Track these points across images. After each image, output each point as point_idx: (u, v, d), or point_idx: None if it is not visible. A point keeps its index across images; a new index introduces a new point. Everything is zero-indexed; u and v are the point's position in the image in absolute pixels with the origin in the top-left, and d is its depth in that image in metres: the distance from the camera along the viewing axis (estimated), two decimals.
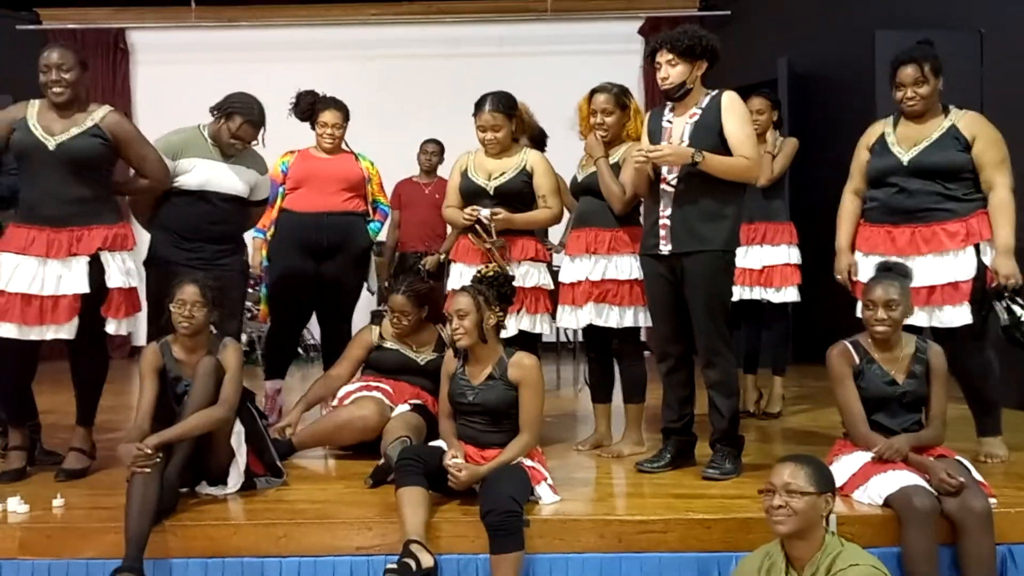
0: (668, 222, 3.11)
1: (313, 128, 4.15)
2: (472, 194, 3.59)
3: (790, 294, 4.25)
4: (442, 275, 4.01)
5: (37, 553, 2.57)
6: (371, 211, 4.25)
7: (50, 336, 3.06)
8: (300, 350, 4.52)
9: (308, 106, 4.12)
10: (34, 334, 3.04)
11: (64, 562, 2.56)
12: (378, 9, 7.28)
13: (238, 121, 3.51)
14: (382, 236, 4.72)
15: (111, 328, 3.18)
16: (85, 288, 3.07)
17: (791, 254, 4.27)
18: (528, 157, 3.62)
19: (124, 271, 3.19)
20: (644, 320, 3.46)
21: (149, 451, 2.61)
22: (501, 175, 3.57)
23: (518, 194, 3.58)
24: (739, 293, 4.12)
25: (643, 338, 3.68)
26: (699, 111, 3.10)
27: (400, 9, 7.31)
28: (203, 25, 7.15)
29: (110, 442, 3.38)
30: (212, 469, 2.88)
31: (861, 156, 3.40)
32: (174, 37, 7.19)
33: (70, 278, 3.07)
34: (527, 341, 3.50)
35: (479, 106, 3.57)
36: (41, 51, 3.19)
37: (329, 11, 7.27)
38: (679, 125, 3.13)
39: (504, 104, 3.57)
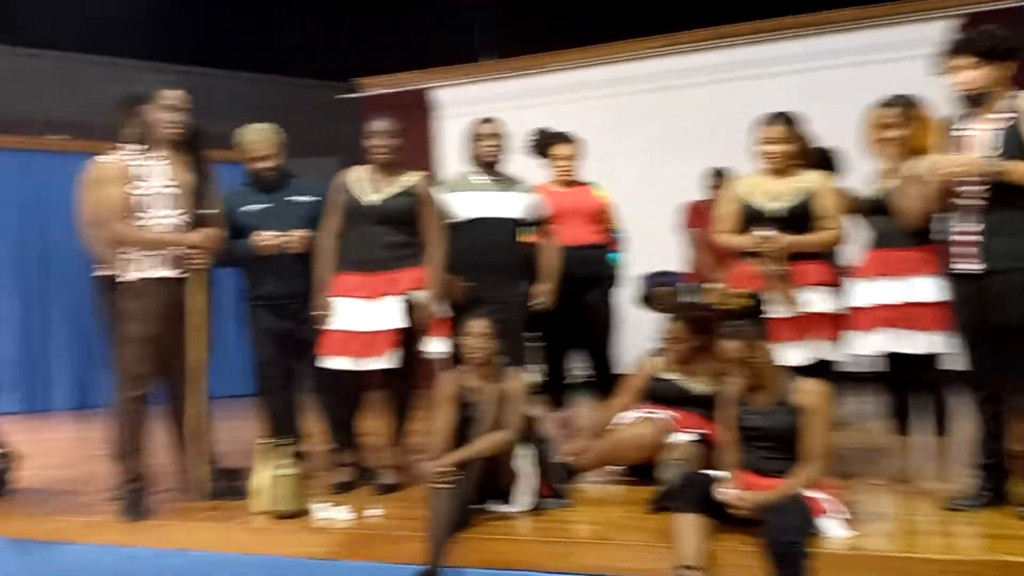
0: (978, 238, 2.86)
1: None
2: (750, 218, 3.54)
3: None
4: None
5: (358, 555, 2.94)
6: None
7: (372, 367, 3.49)
8: (574, 381, 4.67)
9: (543, 142, 4.36)
10: (360, 365, 3.48)
11: (379, 564, 2.90)
12: (664, 41, 7.33)
13: None
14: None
15: (431, 347, 3.57)
16: (400, 323, 3.48)
17: None
18: (810, 178, 3.52)
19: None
20: (948, 346, 3.20)
21: (446, 469, 2.89)
22: (780, 198, 3.50)
23: (799, 217, 3.48)
24: None
25: (947, 365, 3.39)
26: (1007, 116, 2.83)
27: (683, 38, 7.29)
28: (496, 76, 7.72)
29: (419, 461, 3.76)
30: (500, 488, 3.11)
31: None
32: (470, 91, 7.83)
33: (387, 315, 3.50)
34: (816, 369, 3.37)
35: (765, 121, 3.53)
36: (366, 119, 3.69)
37: (612, 49, 7.48)
38: (982, 132, 2.87)
39: (791, 119, 3.52)
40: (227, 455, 3.80)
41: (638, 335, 4.63)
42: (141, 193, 3.33)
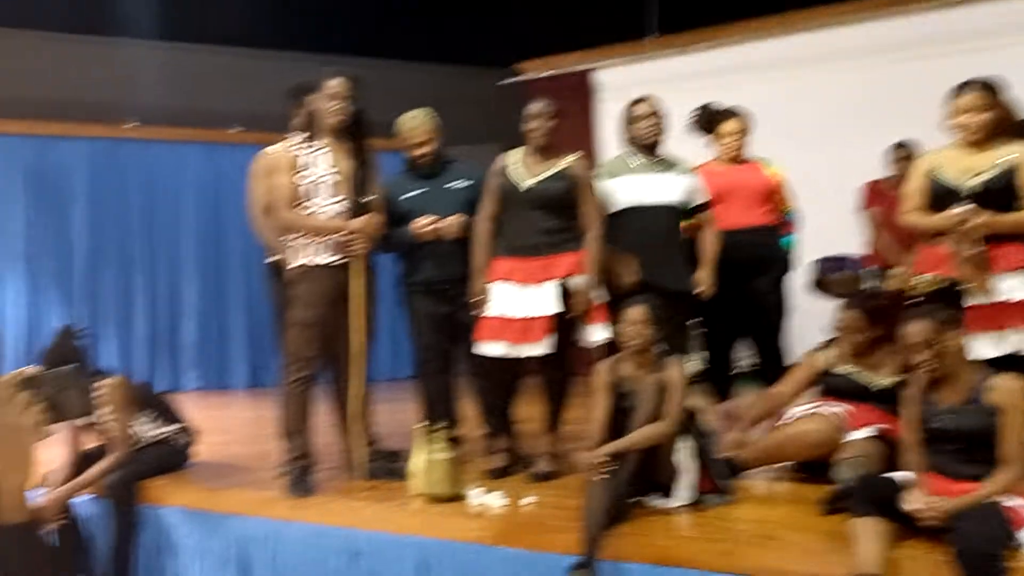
0: None
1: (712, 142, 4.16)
2: (941, 196, 3.21)
3: None
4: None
5: (512, 543, 2.89)
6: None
7: (528, 353, 3.44)
8: (739, 371, 4.42)
9: (707, 118, 4.11)
10: (516, 352, 3.44)
11: (532, 553, 2.84)
12: (841, 11, 6.83)
13: None
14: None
15: (589, 334, 3.47)
16: (555, 309, 3.40)
17: None
18: (1011, 151, 3.14)
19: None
20: None
21: (602, 460, 2.80)
22: (979, 174, 3.15)
23: (998, 193, 3.12)
24: None
25: None
26: None
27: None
28: (660, 55, 7.49)
29: (574, 450, 3.68)
30: (660, 482, 2.98)
31: None
32: (634, 71, 7.63)
33: (543, 301, 3.43)
34: (1014, 363, 3.02)
35: (958, 89, 3.18)
36: (525, 103, 3.62)
37: (784, 21, 7.08)
38: None
39: (989, 86, 3.15)
40: (387, 437, 3.87)
41: (809, 324, 4.35)
42: (307, 181, 3.43)
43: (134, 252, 7.66)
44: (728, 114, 4.17)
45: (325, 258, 3.42)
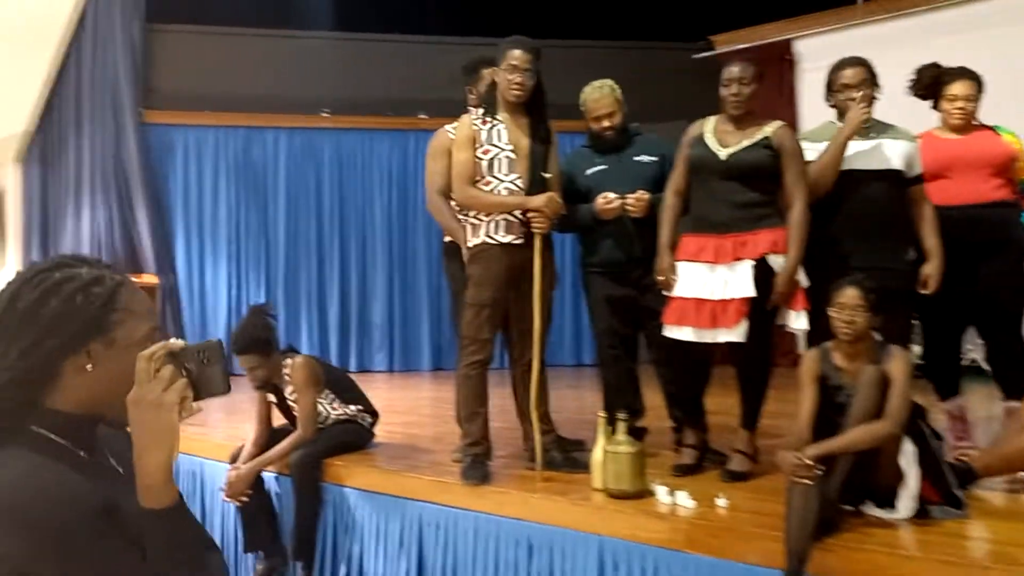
0: None
1: (935, 107, 3.60)
2: None
3: None
4: None
5: (701, 549, 2.61)
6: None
7: (721, 339, 3.13)
8: (968, 365, 3.86)
9: (931, 80, 3.56)
10: (707, 337, 3.15)
11: (726, 562, 2.55)
12: None
13: None
14: None
15: (792, 320, 3.11)
16: (751, 292, 3.07)
17: None
18: None
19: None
20: None
21: (808, 462, 2.45)
22: None
23: None
24: None
25: None
26: None
27: None
28: (869, 21, 6.85)
29: (773, 447, 3.33)
30: (878, 489, 2.59)
31: None
32: (839, 39, 7.02)
33: (738, 282, 3.11)
34: None
35: None
36: (721, 69, 3.32)
37: None
38: None
39: None
40: (569, 425, 3.68)
41: None
42: (486, 157, 3.28)
43: (328, 238, 7.94)
44: (957, 74, 3.63)
45: (503, 237, 3.27)
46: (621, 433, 3.05)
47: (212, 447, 4.12)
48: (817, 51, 7.13)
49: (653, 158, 3.58)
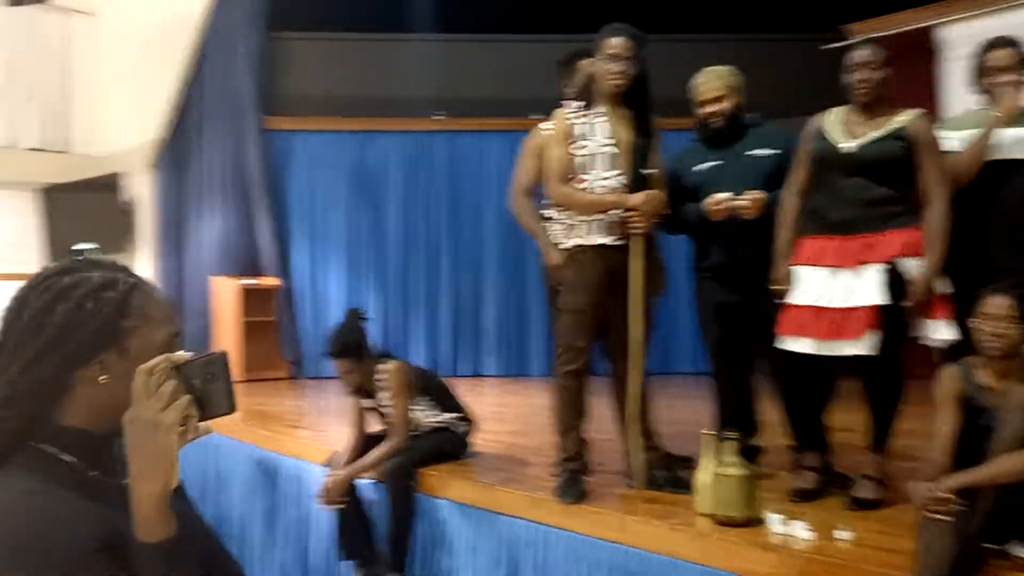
0: None
1: None
2: None
3: None
4: None
5: None
6: None
7: (845, 352, 2.82)
8: None
9: None
10: (827, 349, 2.84)
11: None
12: None
13: None
14: None
15: (929, 331, 2.78)
16: (880, 299, 2.75)
17: None
18: None
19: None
20: None
21: (945, 494, 2.13)
22: None
23: None
24: None
25: None
26: None
27: None
28: (1019, 4, 6.23)
29: (907, 473, 2.98)
30: None
31: None
32: (986, 24, 6.43)
33: (865, 288, 2.80)
34: None
35: None
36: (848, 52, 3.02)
37: None
38: None
39: None
40: (680, 440, 3.42)
41: None
42: (582, 153, 3.08)
43: (440, 241, 7.90)
44: None
45: (599, 238, 3.05)
46: (730, 453, 2.78)
47: (314, 451, 4.08)
48: (961, 39, 6.55)
49: (770, 152, 3.28)
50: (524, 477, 3.45)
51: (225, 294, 7.38)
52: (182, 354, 1.05)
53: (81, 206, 8.31)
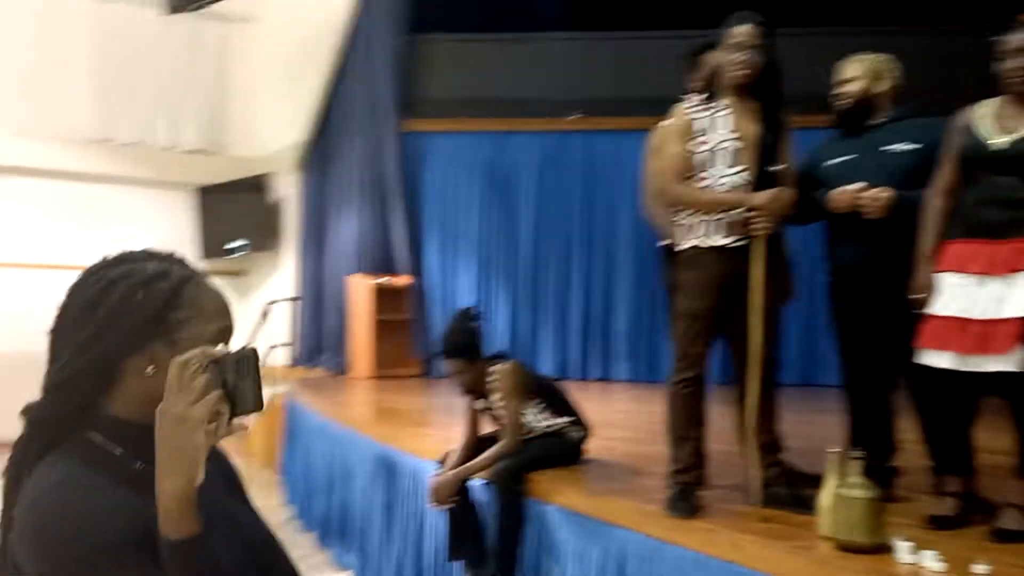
0: None
1: None
2: None
3: None
4: None
5: None
6: None
7: (990, 368, 2.56)
8: None
9: None
10: (972, 365, 2.58)
11: None
12: None
13: None
14: None
15: None
16: None
17: None
18: None
19: None
20: None
21: None
22: None
23: None
24: None
25: None
26: None
27: None
28: None
29: None
30: None
31: None
32: None
33: (1014, 299, 2.52)
34: None
35: None
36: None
37: None
38: None
39: None
40: (808, 457, 3.20)
41: None
42: (703, 149, 2.94)
43: (573, 242, 7.83)
44: None
45: (720, 239, 2.90)
46: (855, 473, 2.57)
47: (431, 449, 4.10)
48: None
49: (910, 147, 3.02)
50: (637, 488, 3.32)
51: (359, 292, 7.59)
52: (216, 349, 1.03)
53: (232, 205, 8.78)
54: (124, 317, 1.08)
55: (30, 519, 0.99)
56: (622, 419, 4.99)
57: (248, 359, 1.02)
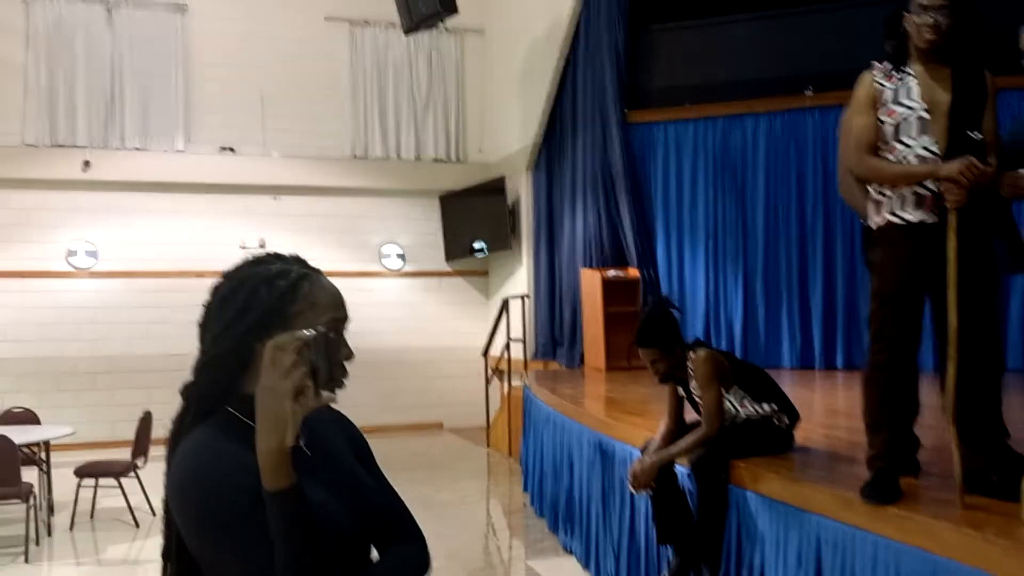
0: None
1: None
2: None
3: None
4: None
5: None
6: None
7: None
8: None
9: None
10: None
11: None
12: None
13: None
14: None
15: None
16: None
17: None
18: None
19: None
20: None
21: None
22: None
23: None
24: None
25: None
26: None
27: None
28: None
29: None
30: None
31: None
32: None
33: None
34: None
35: None
36: None
37: None
38: None
39: None
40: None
41: None
42: (890, 119, 2.79)
43: (810, 226, 7.53)
44: None
45: (911, 215, 2.74)
46: None
47: (643, 437, 4.19)
48: None
49: None
50: (841, 475, 3.21)
51: (590, 285, 7.78)
52: (307, 331, 1.21)
53: (473, 209, 9.35)
54: (250, 310, 1.31)
55: (175, 476, 1.24)
56: (850, 408, 4.76)
57: (322, 343, 1.20)
